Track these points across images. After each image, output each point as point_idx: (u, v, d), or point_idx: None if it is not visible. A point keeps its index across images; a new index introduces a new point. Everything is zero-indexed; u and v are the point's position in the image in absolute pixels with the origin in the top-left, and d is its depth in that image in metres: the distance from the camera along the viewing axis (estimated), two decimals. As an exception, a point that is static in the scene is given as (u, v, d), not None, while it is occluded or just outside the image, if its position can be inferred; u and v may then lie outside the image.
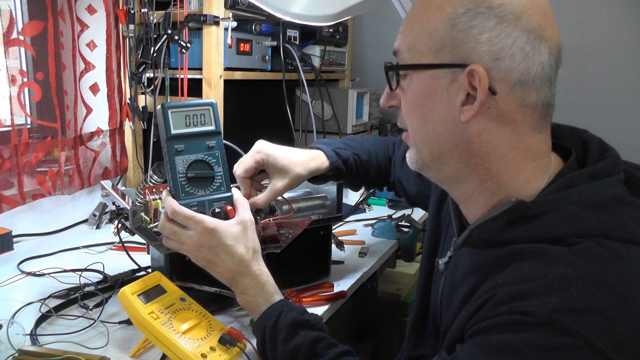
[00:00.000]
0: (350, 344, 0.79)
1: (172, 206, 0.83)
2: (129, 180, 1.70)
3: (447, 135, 0.69)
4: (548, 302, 0.57)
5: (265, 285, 0.85)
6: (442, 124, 0.69)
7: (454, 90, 0.67)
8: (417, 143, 0.73)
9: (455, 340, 0.68)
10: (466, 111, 0.66)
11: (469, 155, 0.69)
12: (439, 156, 0.71)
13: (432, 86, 0.68)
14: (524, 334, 0.57)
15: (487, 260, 0.68)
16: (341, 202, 1.12)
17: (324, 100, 2.04)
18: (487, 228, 0.69)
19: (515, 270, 0.62)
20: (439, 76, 0.67)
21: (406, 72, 0.71)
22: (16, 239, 1.31)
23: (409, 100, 0.72)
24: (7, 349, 0.85)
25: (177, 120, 0.85)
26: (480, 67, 0.64)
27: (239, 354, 0.84)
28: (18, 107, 1.26)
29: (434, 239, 0.93)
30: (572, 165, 0.70)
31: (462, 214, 0.78)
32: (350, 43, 2.34)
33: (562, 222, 0.63)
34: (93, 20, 1.48)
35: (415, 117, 0.72)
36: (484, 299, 0.63)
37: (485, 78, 0.64)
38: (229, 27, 1.53)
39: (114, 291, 1.06)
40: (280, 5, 1.23)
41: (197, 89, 1.56)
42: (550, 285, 0.58)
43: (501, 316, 0.59)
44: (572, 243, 0.61)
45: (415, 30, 0.70)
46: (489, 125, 0.67)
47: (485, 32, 0.64)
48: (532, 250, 0.63)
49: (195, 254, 0.84)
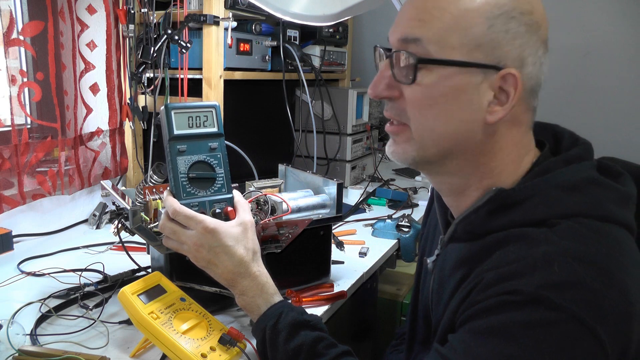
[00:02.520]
0: (350, 344, 0.79)
1: (173, 206, 0.83)
2: (129, 180, 1.70)
3: (466, 135, 0.69)
4: (532, 280, 0.58)
5: (265, 286, 0.85)
6: (465, 123, 0.68)
7: (483, 90, 0.67)
8: (426, 139, 0.70)
9: (447, 331, 0.68)
10: (495, 112, 0.67)
11: (479, 154, 0.70)
12: (447, 154, 0.71)
13: (462, 84, 0.67)
14: (512, 312, 0.58)
15: (472, 251, 0.69)
16: (341, 202, 1.12)
17: (324, 100, 2.04)
18: (471, 220, 0.71)
19: (500, 256, 0.64)
20: (470, 75, 0.66)
21: (430, 65, 0.67)
22: (16, 239, 1.31)
23: (428, 95, 0.68)
24: (7, 349, 0.85)
25: (180, 121, 0.86)
26: (517, 71, 0.65)
27: (239, 354, 0.84)
28: (18, 107, 1.26)
29: (424, 241, 0.95)
30: (547, 154, 0.73)
31: (447, 211, 0.79)
32: (350, 43, 2.34)
33: (542, 205, 0.65)
34: (93, 20, 1.48)
35: (432, 114, 0.69)
36: (472, 286, 0.64)
37: (521, 84, 0.65)
38: (229, 27, 1.53)
39: (114, 291, 1.06)
40: (280, 5, 1.23)
41: (197, 89, 1.56)
42: (534, 264, 0.60)
43: (489, 299, 0.61)
44: (553, 224, 0.63)
45: (445, 21, 0.66)
46: (502, 127, 0.69)
47: (518, 38, 0.65)
48: (515, 235, 0.64)
49: (194, 254, 0.84)
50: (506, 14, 0.65)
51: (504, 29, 0.65)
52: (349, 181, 2.07)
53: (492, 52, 0.65)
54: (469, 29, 0.65)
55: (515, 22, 0.65)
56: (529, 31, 0.66)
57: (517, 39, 0.65)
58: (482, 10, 0.65)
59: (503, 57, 0.65)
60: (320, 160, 2.03)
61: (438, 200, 0.82)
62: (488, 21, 0.65)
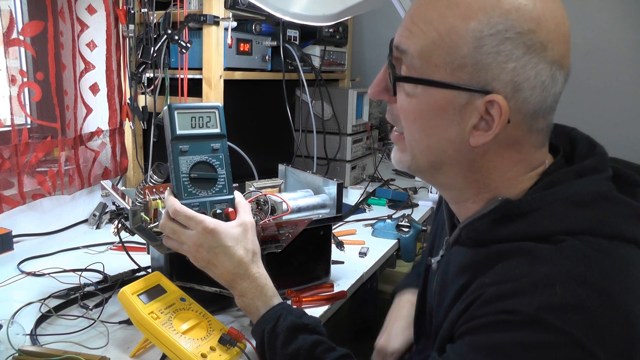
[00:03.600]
0: (350, 344, 0.79)
1: (173, 205, 0.83)
2: (129, 180, 1.70)
3: (451, 153, 0.67)
4: (533, 300, 0.57)
5: (264, 288, 0.85)
6: (448, 142, 0.66)
7: (467, 112, 0.63)
8: (415, 150, 0.70)
9: (446, 340, 0.68)
10: (477, 136, 0.64)
11: (469, 171, 0.68)
12: (437, 167, 0.69)
13: (444, 104, 0.64)
14: (510, 333, 0.57)
15: (475, 259, 0.68)
16: (341, 202, 1.12)
17: (324, 100, 2.04)
18: (475, 227, 0.69)
19: (502, 270, 0.62)
20: (454, 96, 0.63)
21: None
22: (16, 239, 1.31)
23: (413, 109, 0.67)
24: (7, 349, 0.85)
25: (182, 121, 0.86)
26: (503, 99, 0.61)
27: (239, 354, 0.84)
28: (18, 107, 1.26)
29: (432, 239, 0.94)
30: (560, 163, 0.70)
31: (454, 213, 0.78)
32: (350, 43, 2.34)
33: (548, 220, 0.63)
34: (93, 20, 1.48)
35: (417, 128, 0.68)
36: (472, 299, 0.63)
37: (506, 111, 0.61)
38: (229, 27, 1.53)
39: (114, 291, 1.06)
40: (280, 5, 1.23)
41: (197, 89, 1.56)
42: (535, 284, 0.58)
43: (488, 316, 0.60)
44: (557, 241, 0.61)
45: (430, 37, 0.63)
46: (495, 148, 0.66)
47: (511, 62, 0.60)
48: (518, 249, 0.63)
49: (194, 254, 0.84)
50: (499, 34, 0.60)
51: (494, 51, 0.60)
52: (349, 181, 2.07)
53: (478, 74, 0.61)
54: (454, 48, 0.61)
55: (511, 43, 0.60)
56: (528, 53, 0.60)
57: (509, 62, 0.60)
58: (470, 28, 0.61)
59: (491, 81, 0.61)
60: (320, 160, 2.03)
61: (445, 201, 0.80)
62: (476, 41, 0.60)
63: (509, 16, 0.60)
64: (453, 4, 0.62)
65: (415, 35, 0.64)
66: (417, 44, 0.64)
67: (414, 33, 0.64)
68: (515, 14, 0.60)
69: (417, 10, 0.65)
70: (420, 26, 0.64)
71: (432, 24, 0.63)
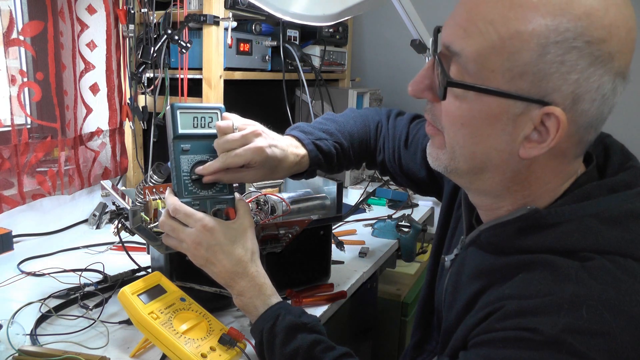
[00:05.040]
0: (350, 344, 0.79)
1: (173, 203, 0.83)
2: (129, 180, 1.70)
3: (497, 162, 0.63)
4: (557, 322, 0.55)
5: (263, 287, 0.84)
6: (496, 150, 0.62)
7: (520, 122, 0.59)
8: (457, 154, 0.65)
9: (459, 347, 0.67)
10: (529, 148, 0.60)
11: (512, 181, 0.65)
12: (478, 172, 0.66)
13: (497, 113, 0.60)
14: (530, 351, 0.55)
15: (494, 266, 0.66)
16: (341, 202, 1.12)
17: (324, 100, 2.04)
18: (497, 232, 0.67)
19: (523, 282, 0.60)
20: (509, 105, 0.59)
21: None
22: (16, 239, 1.31)
23: (462, 114, 0.62)
24: (7, 349, 0.85)
25: (185, 121, 0.86)
26: (562, 113, 0.57)
27: (239, 354, 0.84)
28: (18, 107, 1.26)
29: (442, 234, 0.91)
30: (592, 174, 0.67)
31: (473, 212, 0.76)
32: (350, 43, 2.34)
33: (576, 234, 0.60)
34: (93, 20, 1.48)
35: (463, 134, 0.63)
36: (491, 310, 0.61)
37: (565, 126, 0.57)
38: (229, 27, 1.53)
39: (114, 291, 1.06)
40: (280, 5, 1.23)
41: (197, 89, 1.56)
42: (560, 304, 0.56)
43: (507, 331, 0.58)
44: (585, 258, 0.59)
45: (489, 39, 0.57)
46: (542, 159, 0.62)
47: (575, 73, 0.56)
48: (543, 262, 0.60)
49: (193, 252, 0.84)
50: (566, 42, 0.55)
51: (558, 60, 0.55)
52: (349, 181, 2.07)
53: (539, 84, 0.57)
54: (516, 54, 0.56)
55: (577, 52, 0.55)
56: (593, 64, 0.55)
57: (573, 74, 0.55)
58: (536, 33, 0.55)
59: (551, 92, 0.57)
60: (320, 160, 2.03)
61: (465, 199, 0.77)
62: (540, 48, 0.55)
63: (578, 22, 0.55)
64: (516, 5, 0.56)
65: (472, 35, 0.58)
66: (474, 45, 0.58)
67: (470, 33, 0.59)
68: (586, 20, 0.55)
69: (475, 7, 0.59)
70: (479, 26, 0.58)
71: (493, 25, 0.57)
